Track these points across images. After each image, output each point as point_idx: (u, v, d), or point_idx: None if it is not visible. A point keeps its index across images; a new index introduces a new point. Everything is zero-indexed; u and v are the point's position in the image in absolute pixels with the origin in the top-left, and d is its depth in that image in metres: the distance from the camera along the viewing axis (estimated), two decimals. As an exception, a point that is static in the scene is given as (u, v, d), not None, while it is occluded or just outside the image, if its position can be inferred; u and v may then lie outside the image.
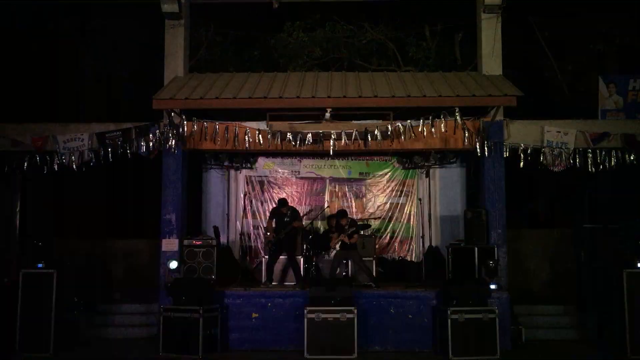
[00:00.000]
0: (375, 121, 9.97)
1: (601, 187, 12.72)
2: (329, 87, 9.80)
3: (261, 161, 11.96)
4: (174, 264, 9.56)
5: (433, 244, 11.12)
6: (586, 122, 10.57)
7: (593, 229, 10.94)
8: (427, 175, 11.45)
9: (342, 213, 10.11)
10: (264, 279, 10.28)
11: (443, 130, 9.82)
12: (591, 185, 12.68)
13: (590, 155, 9.99)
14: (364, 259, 10.16)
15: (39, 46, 14.19)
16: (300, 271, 10.22)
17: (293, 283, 10.17)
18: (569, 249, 11.66)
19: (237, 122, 9.95)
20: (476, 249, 9.61)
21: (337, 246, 9.92)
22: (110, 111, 14.46)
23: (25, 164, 10.08)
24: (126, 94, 14.90)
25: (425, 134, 9.59)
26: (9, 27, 13.27)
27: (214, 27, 14.12)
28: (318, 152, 10.64)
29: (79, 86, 14.76)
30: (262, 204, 11.97)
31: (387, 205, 12.04)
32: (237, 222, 11.78)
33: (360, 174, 12.14)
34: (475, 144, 9.69)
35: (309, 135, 9.68)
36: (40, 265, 9.06)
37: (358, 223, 10.70)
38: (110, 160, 9.96)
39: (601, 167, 10.02)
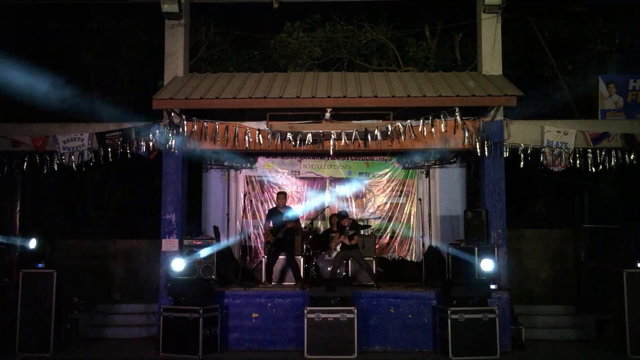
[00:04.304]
0: (375, 121, 9.96)
1: (601, 187, 12.75)
2: (329, 87, 9.81)
3: (261, 161, 11.96)
4: (177, 264, 9.40)
5: (433, 244, 11.12)
6: (586, 122, 10.57)
7: (593, 229, 10.94)
8: (427, 175, 11.44)
9: (343, 214, 10.10)
10: (263, 279, 10.28)
11: (443, 130, 9.81)
12: (591, 185, 12.71)
13: (590, 155, 9.99)
14: (364, 259, 10.14)
15: (39, 46, 14.19)
16: (299, 271, 10.22)
17: (292, 283, 10.17)
18: (569, 249, 11.66)
19: (237, 122, 9.96)
20: (476, 249, 9.60)
21: (338, 247, 9.92)
22: (110, 111, 14.46)
23: (25, 164, 10.09)
24: (126, 94, 14.90)
25: (425, 134, 9.59)
26: (9, 27, 13.28)
27: (214, 27, 14.12)
28: (318, 152, 10.64)
29: (79, 86, 14.74)
30: (262, 204, 11.98)
31: (387, 205, 12.05)
32: (237, 222, 11.78)
33: (360, 174, 12.14)
34: (475, 144, 9.69)
35: (309, 135, 9.67)
36: (40, 265, 9.06)
37: (358, 223, 10.71)
38: (110, 160, 9.97)
39: (601, 167, 10.02)
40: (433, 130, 9.64)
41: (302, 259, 10.48)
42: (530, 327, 9.85)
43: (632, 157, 9.89)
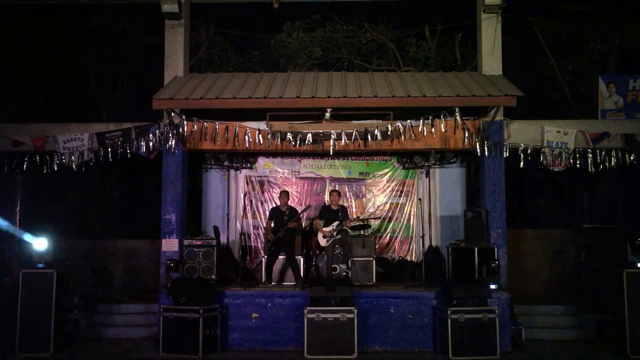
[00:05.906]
0: (375, 121, 9.97)
1: (601, 187, 12.75)
2: (329, 87, 9.80)
3: (261, 161, 11.95)
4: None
5: (433, 244, 11.11)
6: (586, 122, 10.58)
7: (593, 229, 10.94)
8: (427, 175, 11.43)
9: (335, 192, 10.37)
10: (263, 279, 10.28)
11: (443, 130, 9.82)
12: (591, 185, 12.71)
13: (590, 155, 10.00)
14: (364, 259, 10.21)
15: (39, 46, 14.20)
16: (299, 271, 10.22)
17: (292, 283, 10.18)
18: (569, 249, 11.66)
19: (237, 122, 9.96)
20: (476, 249, 9.60)
21: (325, 241, 9.98)
22: (110, 111, 14.48)
23: (25, 164, 10.09)
24: (126, 94, 14.90)
25: (425, 134, 9.59)
26: (10, 27, 13.27)
27: (214, 27, 14.13)
28: (318, 152, 10.64)
29: (80, 86, 14.75)
30: (262, 204, 11.96)
31: (387, 205, 12.03)
32: (237, 222, 11.78)
33: (360, 174, 12.13)
34: (475, 144, 9.69)
35: (309, 135, 9.68)
36: (40, 265, 9.06)
37: (358, 223, 10.77)
38: (110, 160, 9.97)
39: (601, 167, 10.03)
40: (433, 130, 9.64)
41: (302, 259, 10.48)
42: (530, 327, 9.83)
43: (632, 157, 9.90)
